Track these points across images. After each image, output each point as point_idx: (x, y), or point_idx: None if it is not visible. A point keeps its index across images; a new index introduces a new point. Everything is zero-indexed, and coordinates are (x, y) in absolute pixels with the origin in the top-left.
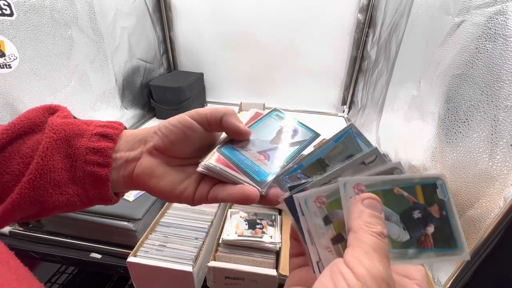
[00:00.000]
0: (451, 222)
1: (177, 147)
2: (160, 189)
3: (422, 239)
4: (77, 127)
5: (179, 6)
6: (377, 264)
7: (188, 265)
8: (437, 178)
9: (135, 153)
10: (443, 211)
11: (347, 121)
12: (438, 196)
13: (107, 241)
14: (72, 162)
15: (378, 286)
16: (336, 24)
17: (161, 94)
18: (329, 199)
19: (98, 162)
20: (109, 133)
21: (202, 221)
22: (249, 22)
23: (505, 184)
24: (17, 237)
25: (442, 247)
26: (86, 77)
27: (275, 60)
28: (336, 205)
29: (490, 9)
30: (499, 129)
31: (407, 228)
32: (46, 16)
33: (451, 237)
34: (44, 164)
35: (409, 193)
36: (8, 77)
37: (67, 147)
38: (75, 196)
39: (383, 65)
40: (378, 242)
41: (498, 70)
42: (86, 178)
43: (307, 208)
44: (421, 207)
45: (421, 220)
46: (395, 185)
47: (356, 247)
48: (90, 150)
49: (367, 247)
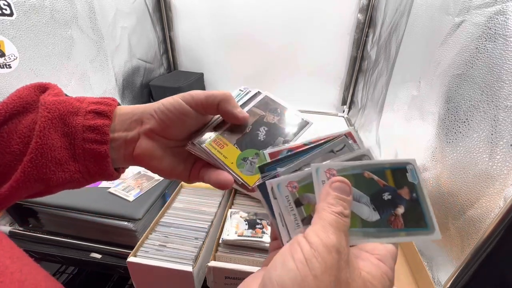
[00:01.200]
0: (421, 204)
1: (173, 131)
2: (160, 169)
3: (392, 219)
4: (71, 105)
5: (179, 6)
6: (331, 235)
7: (188, 265)
8: (407, 163)
9: (133, 134)
10: (413, 193)
11: (347, 121)
12: (408, 179)
13: (107, 241)
14: (71, 140)
15: (329, 252)
16: (336, 24)
17: (161, 94)
18: (300, 184)
19: (95, 140)
20: (103, 110)
21: (202, 221)
22: (249, 22)
23: (505, 184)
24: (17, 237)
25: (412, 227)
26: (86, 77)
27: (275, 60)
28: (306, 190)
29: (490, 9)
30: (499, 129)
31: (377, 209)
32: (46, 16)
33: (422, 218)
34: (44, 143)
35: (379, 177)
36: (8, 77)
37: (63, 126)
38: (77, 173)
39: (383, 65)
40: (336, 219)
41: (498, 70)
42: (86, 155)
43: (279, 192)
44: (390, 190)
45: (391, 201)
46: (365, 169)
47: (316, 223)
48: (86, 128)
49: (325, 222)
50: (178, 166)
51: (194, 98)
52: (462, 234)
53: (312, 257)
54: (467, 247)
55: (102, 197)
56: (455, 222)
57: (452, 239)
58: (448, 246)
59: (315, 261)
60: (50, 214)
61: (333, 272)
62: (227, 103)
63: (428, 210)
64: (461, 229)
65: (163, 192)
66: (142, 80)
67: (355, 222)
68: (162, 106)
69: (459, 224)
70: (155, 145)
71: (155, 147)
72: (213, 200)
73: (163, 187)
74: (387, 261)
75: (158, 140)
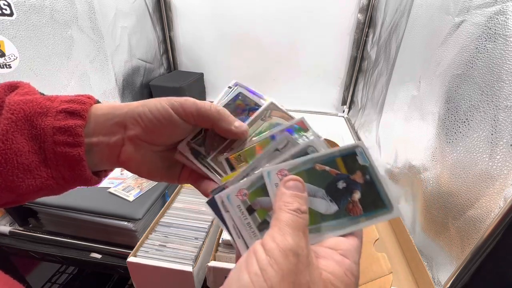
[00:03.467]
0: (376, 184)
1: (160, 138)
2: (149, 174)
3: (350, 207)
4: (38, 104)
5: (179, 6)
6: (288, 238)
7: (188, 265)
8: (356, 146)
9: (115, 138)
10: (367, 175)
11: (347, 121)
12: (359, 163)
13: (107, 241)
14: (40, 144)
15: (285, 257)
16: (336, 24)
17: (161, 94)
18: (250, 190)
19: (68, 142)
20: (76, 110)
21: (202, 221)
22: (249, 22)
23: (505, 184)
24: (17, 237)
25: (371, 210)
26: (86, 77)
27: (275, 60)
28: (257, 195)
29: (490, 9)
30: (499, 129)
31: (334, 200)
32: (46, 16)
33: (378, 199)
34: (7, 148)
35: (331, 167)
36: (8, 77)
37: (30, 128)
38: (50, 179)
39: (383, 65)
40: (293, 217)
41: (498, 70)
42: (58, 160)
43: (230, 204)
44: (344, 177)
45: (346, 189)
46: (316, 162)
47: (273, 226)
48: (57, 129)
49: (282, 224)
50: (167, 170)
51: (184, 109)
52: (462, 234)
53: (267, 265)
54: (467, 247)
55: (102, 197)
56: (455, 222)
57: (452, 239)
58: (448, 246)
59: (270, 270)
60: (50, 214)
61: (291, 278)
62: (223, 123)
63: (383, 190)
64: (461, 229)
65: (163, 192)
66: (142, 80)
67: (314, 219)
68: (148, 112)
69: (459, 224)
70: (142, 151)
71: (142, 153)
72: None
73: (163, 187)
74: (350, 256)
75: (144, 146)
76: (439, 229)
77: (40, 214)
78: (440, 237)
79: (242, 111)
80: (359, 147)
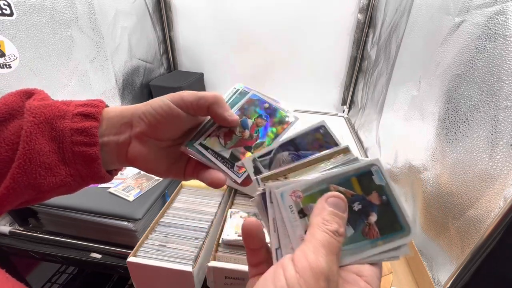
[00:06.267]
0: (392, 205)
1: (164, 133)
2: (155, 170)
3: (366, 230)
4: (57, 108)
5: (179, 6)
6: (320, 259)
7: (188, 265)
8: (372, 165)
9: (124, 137)
10: (383, 196)
11: (347, 121)
12: (375, 182)
13: (107, 241)
14: (59, 144)
15: (316, 280)
16: (336, 24)
17: (161, 94)
18: (305, 194)
19: (84, 142)
20: (91, 112)
21: (202, 221)
22: (249, 22)
23: (505, 184)
24: (17, 237)
25: (388, 233)
26: (86, 77)
27: (275, 60)
28: (312, 200)
29: (490, 9)
30: (499, 129)
31: (350, 223)
32: (46, 16)
33: (396, 221)
34: (31, 148)
35: (346, 187)
36: (8, 77)
37: (50, 130)
38: (68, 177)
39: (383, 65)
40: (329, 239)
41: (498, 70)
42: (76, 158)
43: (283, 201)
44: (359, 198)
45: (362, 210)
46: (330, 182)
47: (307, 242)
48: (74, 131)
49: (317, 242)
50: (172, 166)
51: (184, 100)
52: (462, 234)
53: (296, 284)
54: (467, 247)
55: (102, 197)
56: (455, 222)
57: (452, 239)
58: (448, 246)
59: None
60: (50, 214)
61: None
62: (218, 106)
63: (401, 211)
64: (461, 229)
65: (163, 192)
66: (142, 80)
67: None
68: (151, 109)
69: (459, 224)
70: (148, 147)
71: (148, 150)
72: (213, 200)
73: (163, 187)
74: (374, 283)
75: (150, 142)
76: (439, 229)
77: (40, 214)
78: (440, 237)
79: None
80: (374, 166)
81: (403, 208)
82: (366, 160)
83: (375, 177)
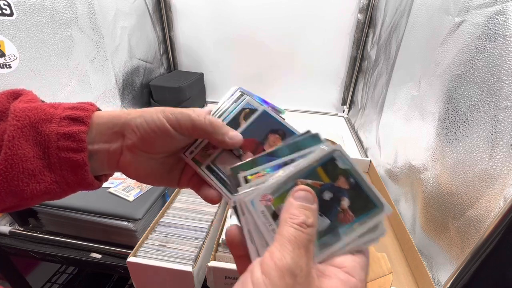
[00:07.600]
0: (362, 186)
1: (157, 148)
2: (148, 180)
3: (341, 216)
4: (43, 111)
5: (179, 6)
6: (286, 255)
7: (188, 265)
8: (333, 151)
9: (115, 146)
10: (350, 179)
11: (347, 121)
12: (340, 167)
13: (107, 241)
14: (44, 150)
15: (280, 277)
16: (336, 24)
17: (161, 94)
18: (275, 195)
19: (71, 148)
20: (79, 116)
21: (202, 221)
22: (249, 22)
23: (505, 184)
24: (17, 237)
25: (363, 214)
26: (86, 77)
27: (275, 60)
28: (282, 201)
29: (490, 9)
30: (499, 129)
31: (324, 214)
32: (46, 16)
33: (368, 200)
34: (13, 153)
35: (313, 179)
36: (8, 77)
37: (35, 134)
38: (53, 184)
39: (383, 65)
40: (295, 232)
41: (498, 70)
42: (62, 165)
43: (255, 209)
44: (328, 186)
45: (333, 198)
46: (297, 178)
47: (275, 241)
48: (61, 135)
49: (283, 239)
50: (166, 175)
51: (179, 123)
52: (462, 234)
53: (261, 285)
54: (467, 247)
55: (102, 197)
56: (455, 222)
57: (452, 239)
58: (448, 246)
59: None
60: (50, 214)
61: None
62: (216, 135)
63: (371, 190)
64: (461, 229)
65: (163, 192)
66: (142, 80)
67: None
68: (145, 124)
69: (459, 224)
70: (140, 159)
71: (140, 161)
72: None
73: (163, 187)
74: (356, 273)
75: (142, 154)
76: (439, 229)
77: (40, 214)
78: (440, 237)
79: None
80: (336, 151)
81: (372, 187)
82: (327, 147)
83: (338, 162)
